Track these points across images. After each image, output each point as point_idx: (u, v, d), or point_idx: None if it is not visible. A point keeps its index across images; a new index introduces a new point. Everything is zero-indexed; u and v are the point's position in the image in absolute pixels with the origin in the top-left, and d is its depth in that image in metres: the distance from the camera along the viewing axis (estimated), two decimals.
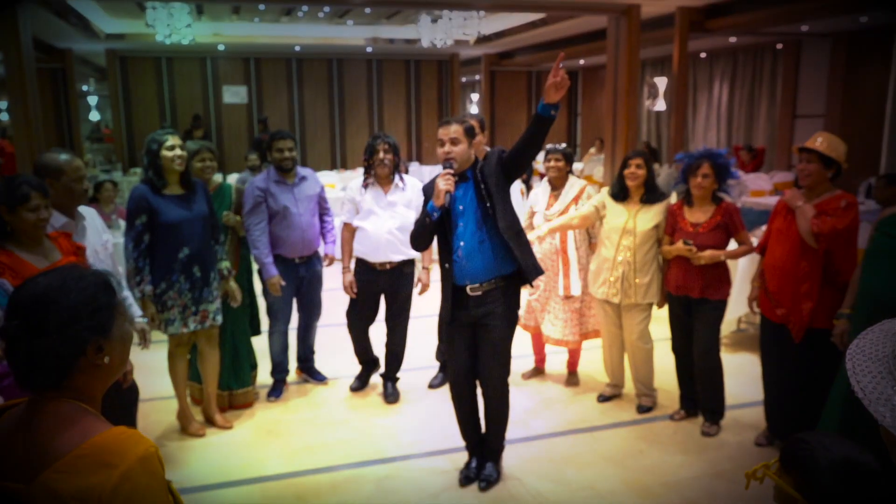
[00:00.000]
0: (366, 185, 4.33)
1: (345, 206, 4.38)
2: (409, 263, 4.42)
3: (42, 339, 1.26)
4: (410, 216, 4.27)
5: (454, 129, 3.22)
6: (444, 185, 3.14)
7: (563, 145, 4.55)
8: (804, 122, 12.14)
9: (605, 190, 4.29)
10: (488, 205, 3.23)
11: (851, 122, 11.06)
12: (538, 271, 3.37)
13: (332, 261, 4.52)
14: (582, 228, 4.33)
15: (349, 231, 4.36)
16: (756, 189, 10.02)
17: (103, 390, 1.38)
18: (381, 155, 4.24)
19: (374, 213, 4.28)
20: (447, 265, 3.32)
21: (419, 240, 3.39)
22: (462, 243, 3.27)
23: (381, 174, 4.29)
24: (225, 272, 3.94)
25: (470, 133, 3.26)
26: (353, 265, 4.41)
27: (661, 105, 12.97)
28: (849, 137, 3.55)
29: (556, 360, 5.00)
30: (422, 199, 4.29)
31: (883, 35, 10.34)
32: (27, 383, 1.30)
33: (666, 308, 4.17)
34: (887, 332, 0.86)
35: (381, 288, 4.40)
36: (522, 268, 3.29)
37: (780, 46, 12.58)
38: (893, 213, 3.15)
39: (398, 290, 4.40)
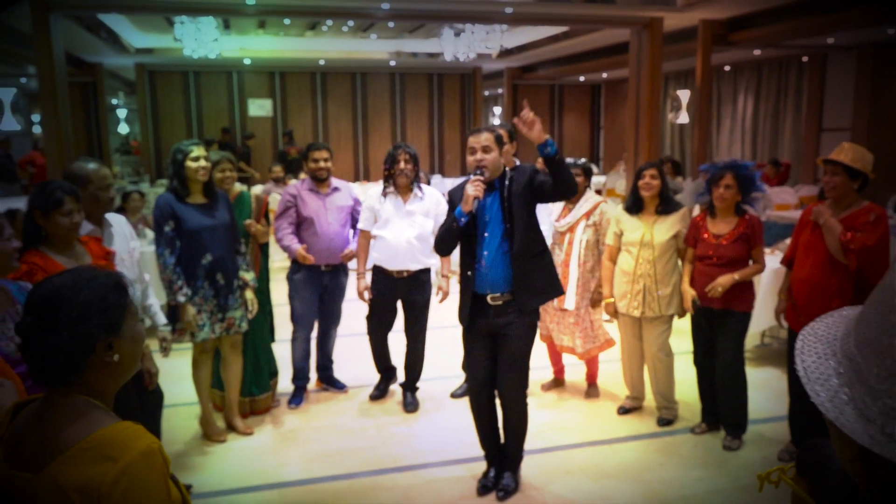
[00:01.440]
0: (385, 194, 4.38)
1: (363, 213, 4.43)
2: (426, 272, 4.47)
3: (53, 335, 1.31)
4: (429, 225, 4.33)
5: (485, 137, 3.24)
6: (474, 190, 3.15)
7: (583, 160, 4.57)
8: (830, 136, 12.01)
9: (619, 208, 4.28)
10: (509, 225, 3.25)
11: (878, 135, 10.92)
12: (537, 299, 3.36)
13: (350, 254, 4.54)
14: (615, 259, 4.28)
15: (365, 238, 4.42)
16: (781, 203, 9.91)
17: (115, 388, 1.43)
18: (402, 165, 4.30)
19: (392, 222, 4.33)
20: (469, 272, 3.34)
21: (444, 244, 3.39)
22: (486, 252, 3.29)
23: (401, 184, 4.34)
24: (250, 282, 3.98)
25: (500, 142, 3.28)
26: (368, 274, 4.47)
27: (683, 118, 12.91)
28: (876, 151, 3.51)
29: (576, 372, 4.99)
30: (440, 207, 4.37)
31: None
32: (40, 378, 1.36)
33: (687, 320, 4.14)
34: (844, 317, 0.85)
35: (398, 295, 4.44)
36: (519, 291, 3.27)
37: (805, 59, 12.48)
38: None
39: (415, 297, 4.44)
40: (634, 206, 4.14)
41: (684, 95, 12.86)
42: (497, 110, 19.07)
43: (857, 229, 3.38)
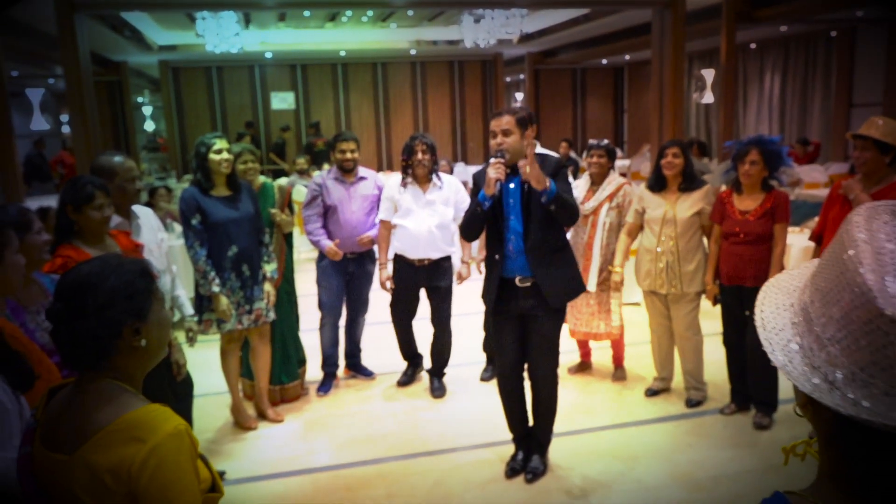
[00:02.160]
0: (404, 185, 4.40)
1: (382, 204, 4.47)
2: (447, 259, 4.50)
3: (81, 321, 1.35)
4: (449, 214, 4.38)
5: (506, 121, 3.22)
6: (495, 173, 3.14)
7: (606, 141, 4.53)
8: (860, 112, 11.75)
9: (642, 186, 4.25)
10: (525, 219, 3.23)
11: None
12: (563, 297, 3.34)
13: (368, 239, 4.56)
14: (635, 238, 4.27)
15: (386, 228, 4.46)
16: (811, 181, 9.74)
17: (143, 372, 1.47)
18: (420, 156, 4.32)
19: (413, 212, 4.36)
20: (497, 256, 3.33)
21: (470, 229, 3.39)
22: (512, 237, 3.28)
23: (419, 174, 4.37)
24: (269, 274, 4.01)
25: (522, 123, 3.25)
26: (390, 264, 4.51)
27: (708, 98, 12.72)
28: None
29: (603, 355, 4.97)
30: (459, 195, 4.40)
31: None
32: (71, 363, 1.40)
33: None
34: (808, 268, 0.86)
35: (421, 283, 4.48)
36: (544, 288, 3.25)
37: (833, 34, 12.20)
38: None
39: (437, 283, 4.47)
40: (657, 184, 4.11)
41: (709, 75, 12.67)
42: (519, 96, 18.96)
43: None
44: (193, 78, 15.61)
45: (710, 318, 4.57)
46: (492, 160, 3.20)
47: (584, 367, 4.89)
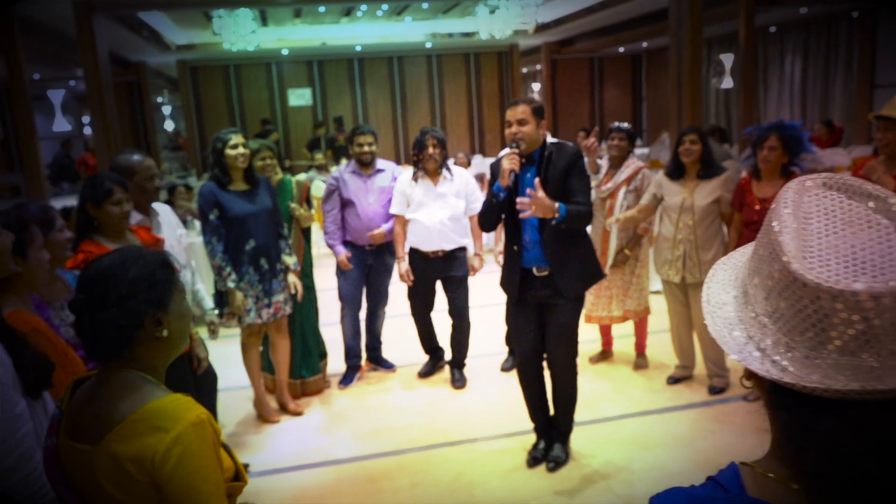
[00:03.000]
0: (416, 179, 4.42)
1: (395, 198, 4.48)
2: (461, 250, 4.53)
3: (103, 311, 1.37)
4: (460, 206, 4.43)
5: (521, 110, 3.20)
6: (509, 164, 3.14)
7: (626, 124, 4.49)
8: (884, 92, 11.54)
9: (661, 171, 4.22)
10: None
11: None
12: (579, 285, 3.33)
13: (379, 234, 4.57)
14: (647, 219, 4.26)
15: (400, 222, 4.49)
16: (833, 165, 9.59)
17: (165, 363, 1.48)
18: (431, 150, 4.35)
19: (425, 205, 4.39)
20: (515, 247, 3.33)
21: (486, 220, 3.41)
22: (529, 228, 3.28)
23: (430, 168, 4.40)
24: (292, 266, 4.05)
25: (538, 113, 3.24)
26: (406, 257, 4.54)
27: (727, 83, 12.56)
28: None
29: (624, 344, 4.95)
30: (469, 187, 4.46)
31: None
32: (93, 354, 1.41)
33: None
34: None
35: (436, 274, 4.51)
36: (559, 278, 3.25)
37: (855, 14, 11.98)
38: None
39: (452, 274, 4.49)
40: (676, 171, 4.07)
41: (728, 60, 12.51)
42: (536, 87, 18.86)
43: None
44: (211, 76, 15.72)
45: None
46: (506, 151, 3.19)
47: (605, 355, 4.87)
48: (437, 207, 4.39)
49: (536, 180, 3.09)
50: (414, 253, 4.50)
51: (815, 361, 0.73)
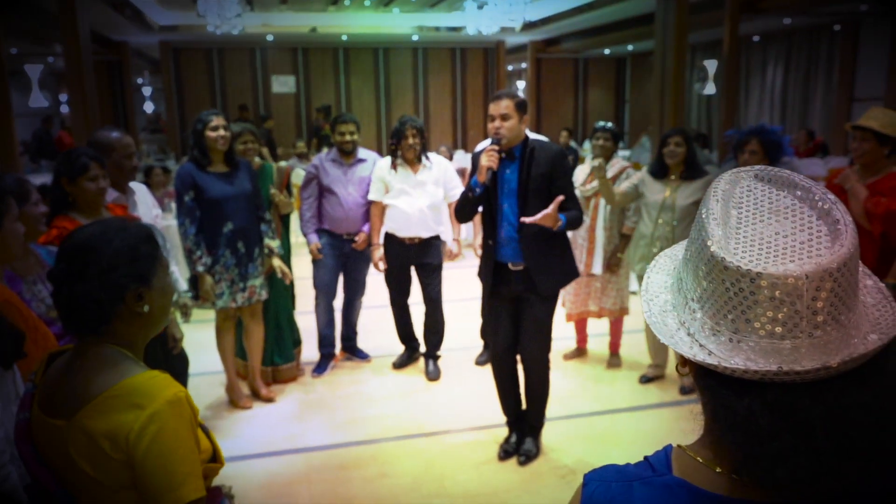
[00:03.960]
0: (394, 167, 4.42)
1: (373, 185, 4.48)
2: (436, 238, 4.56)
3: (83, 283, 1.33)
4: (439, 194, 4.47)
5: (504, 105, 3.18)
6: (487, 161, 3.14)
7: (610, 124, 4.52)
8: (862, 106, 11.72)
9: (646, 169, 4.26)
10: (522, 206, 3.22)
11: None
12: (554, 282, 3.34)
13: (364, 239, 4.58)
14: (620, 205, 4.29)
15: (377, 209, 4.48)
16: (810, 175, 9.72)
17: (145, 339, 1.45)
18: (410, 140, 4.36)
19: (405, 193, 4.40)
20: (490, 241, 3.34)
21: (463, 212, 3.41)
22: (505, 224, 3.28)
23: (409, 157, 4.41)
24: (276, 249, 4.02)
25: (521, 108, 3.22)
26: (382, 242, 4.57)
27: (710, 88, 12.68)
28: None
29: (598, 343, 4.98)
30: (448, 175, 4.50)
31: None
32: (71, 327, 1.38)
33: None
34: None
35: (411, 260, 4.53)
36: (535, 274, 3.25)
37: (837, 28, 12.15)
38: None
39: (427, 261, 4.52)
40: (660, 171, 4.11)
41: (711, 66, 12.63)
42: (521, 84, 18.90)
43: (884, 194, 3.31)
44: (194, 59, 15.53)
45: None
46: (487, 142, 3.19)
47: (579, 353, 4.90)
48: (417, 195, 4.41)
49: (540, 216, 3.07)
50: (390, 239, 4.51)
51: (739, 344, 0.75)
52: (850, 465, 0.71)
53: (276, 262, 4.04)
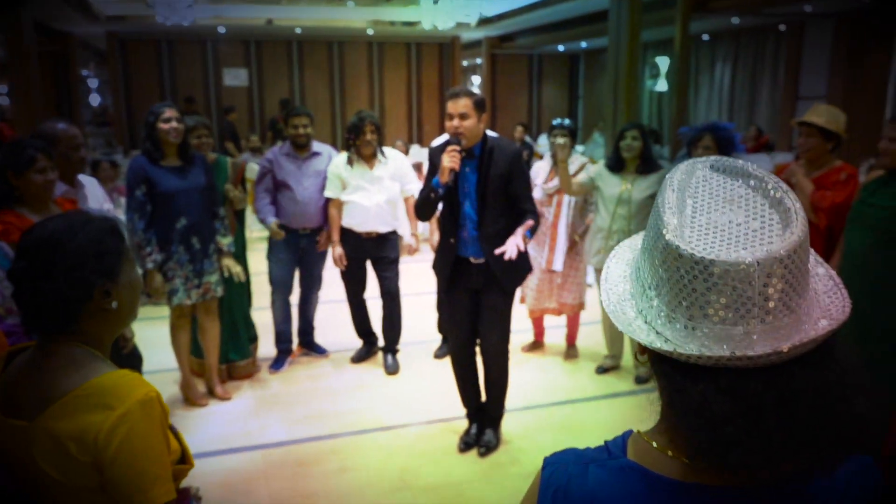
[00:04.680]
0: (350, 162, 4.39)
1: (329, 181, 4.44)
2: (393, 233, 4.56)
3: (48, 281, 1.26)
4: (396, 188, 4.47)
5: (463, 104, 3.16)
6: (449, 162, 3.13)
7: (567, 121, 4.57)
8: (806, 104, 12.09)
9: (602, 162, 4.32)
10: (481, 207, 3.24)
11: (853, 103, 10.99)
12: (516, 280, 3.38)
13: (326, 240, 4.55)
14: (576, 195, 4.35)
15: (335, 206, 4.45)
16: None
17: (112, 336, 1.39)
18: (369, 136, 4.34)
19: (362, 188, 4.38)
20: (452, 240, 3.34)
21: (424, 211, 3.38)
22: (468, 224, 3.30)
23: (367, 153, 4.38)
24: (226, 248, 3.95)
25: (480, 106, 3.21)
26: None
27: (662, 85, 12.93)
28: (851, 118, 3.56)
29: (556, 334, 5.04)
30: (404, 169, 4.49)
31: (886, 16, 10.28)
32: (35, 326, 1.32)
33: None
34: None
35: (367, 254, 4.52)
36: (496, 271, 3.27)
37: (782, 28, 12.51)
38: (872, 179, 3.19)
39: (384, 254, 4.51)
40: (616, 165, 4.17)
41: (663, 63, 12.86)
42: (476, 80, 18.95)
43: (829, 188, 3.42)
44: (143, 52, 15.12)
45: None
46: (444, 138, 3.18)
47: (537, 345, 4.95)
48: (375, 191, 4.39)
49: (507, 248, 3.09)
50: (346, 233, 4.48)
51: (693, 331, 0.76)
52: (800, 448, 0.73)
53: (227, 262, 3.96)
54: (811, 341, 0.74)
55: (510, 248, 3.07)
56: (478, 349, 3.52)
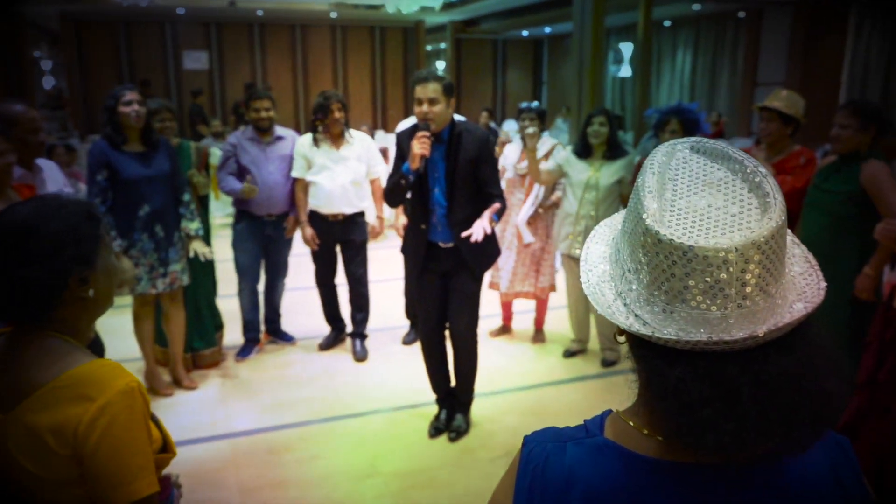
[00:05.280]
0: (316, 142, 4.35)
1: (295, 161, 4.40)
2: (360, 214, 4.53)
3: (22, 269, 1.21)
4: (362, 169, 4.43)
5: (432, 88, 3.14)
6: (420, 148, 3.11)
7: (536, 103, 4.57)
8: (765, 90, 12.31)
9: (570, 148, 4.35)
10: (450, 192, 3.23)
11: (810, 89, 11.22)
12: (486, 263, 3.40)
13: (294, 225, 4.51)
14: (546, 184, 4.38)
15: (301, 186, 4.40)
16: None
17: (89, 324, 1.35)
18: (337, 115, 4.30)
19: (328, 168, 4.34)
20: (423, 226, 3.33)
21: (394, 198, 3.35)
22: (437, 209, 3.29)
23: (335, 132, 4.35)
24: (193, 232, 3.88)
25: (448, 91, 3.19)
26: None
27: (626, 71, 13.03)
28: (807, 104, 3.64)
29: (524, 319, 5.08)
30: (370, 151, 4.47)
31: (841, 3, 10.51)
32: (8, 315, 1.27)
33: None
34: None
35: (335, 237, 4.48)
36: (467, 256, 3.29)
37: (741, 15, 12.70)
38: (826, 165, 3.28)
39: (351, 238, 4.49)
40: (584, 151, 4.20)
41: (627, 49, 12.96)
42: (440, 65, 18.86)
43: (788, 173, 3.50)
44: (98, 33, 14.70)
45: None
46: (411, 120, 3.16)
47: (505, 330, 4.98)
48: (340, 171, 4.36)
49: (479, 230, 3.10)
50: (313, 216, 4.44)
51: (671, 315, 0.77)
52: (774, 428, 0.74)
53: (195, 245, 3.89)
54: (786, 325, 0.76)
55: (476, 230, 3.08)
56: (447, 333, 3.53)
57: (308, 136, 4.41)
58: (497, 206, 3.21)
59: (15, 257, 1.22)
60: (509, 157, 4.58)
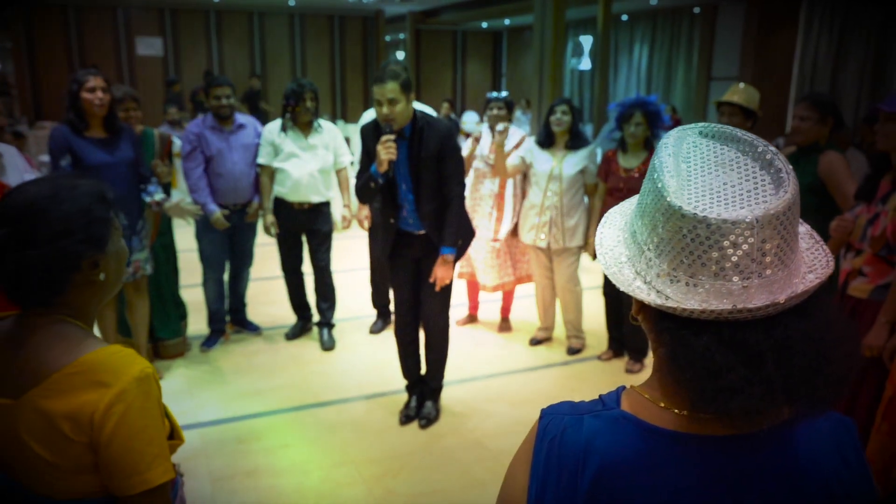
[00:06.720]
0: (285, 129, 4.32)
1: (262, 148, 4.37)
2: (326, 204, 4.52)
3: (32, 250, 1.18)
4: (329, 158, 4.43)
5: (390, 88, 3.11)
6: (386, 154, 3.12)
7: (505, 93, 4.60)
8: (719, 85, 12.60)
9: (532, 139, 4.39)
10: (415, 186, 3.26)
11: (762, 84, 11.53)
12: (459, 251, 3.43)
13: (256, 211, 4.46)
14: (512, 177, 4.42)
15: (266, 173, 4.38)
16: None
17: (97, 308, 1.33)
18: (309, 103, 4.29)
19: (295, 156, 4.32)
20: (392, 220, 3.35)
21: (364, 196, 3.40)
22: (406, 204, 3.33)
23: (304, 120, 4.33)
24: (162, 201, 3.79)
25: (407, 88, 3.18)
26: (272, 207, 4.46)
27: (586, 64, 13.18)
28: (760, 99, 3.76)
29: (490, 308, 5.13)
30: (338, 140, 4.46)
31: (793, 0, 10.81)
32: (16, 298, 1.24)
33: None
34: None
35: (301, 226, 4.46)
36: (435, 242, 3.33)
37: (697, 10, 12.95)
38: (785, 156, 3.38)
39: (317, 227, 4.47)
40: (546, 140, 4.25)
41: (586, 42, 13.10)
42: (400, 55, 18.78)
43: None
44: (47, 18, 14.23)
45: (589, 273, 4.82)
46: (382, 138, 3.14)
47: (472, 319, 5.02)
48: (308, 158, 4.34)
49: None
50: (279, 204, 4.41)
51: (695, 288, 0.81)
52: (797, 389, 0.79)
53: (180, 206, 3.80)
54: (804, 293, 0.81)
55: (439, 277, 3.27)
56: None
57: (276, 123, 4.37)
58: (458, 222, 3.28)
59: (23, 239, 1.19)
60: (483, 147, 4.59)
